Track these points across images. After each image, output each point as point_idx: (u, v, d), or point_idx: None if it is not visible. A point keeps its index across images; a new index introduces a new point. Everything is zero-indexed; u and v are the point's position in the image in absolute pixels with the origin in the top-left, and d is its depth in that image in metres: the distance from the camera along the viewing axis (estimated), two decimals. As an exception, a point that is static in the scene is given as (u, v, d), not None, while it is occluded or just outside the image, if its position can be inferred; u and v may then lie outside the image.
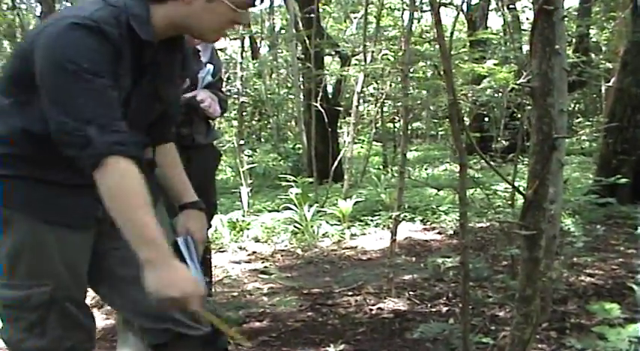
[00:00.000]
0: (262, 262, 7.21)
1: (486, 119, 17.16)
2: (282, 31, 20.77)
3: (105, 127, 2.17)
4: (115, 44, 2.23)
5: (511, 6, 16.40)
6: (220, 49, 7.91)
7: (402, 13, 14.73)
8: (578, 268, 6.04)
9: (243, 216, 9.16)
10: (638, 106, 9.23)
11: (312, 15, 11.63)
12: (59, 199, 2.39)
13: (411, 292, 5.60)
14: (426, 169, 16.84)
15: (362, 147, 16.33)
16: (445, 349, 4.14)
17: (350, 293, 5.75)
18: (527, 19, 17.82)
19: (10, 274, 2.43)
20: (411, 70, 6.46)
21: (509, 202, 5.89)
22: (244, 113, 20.42)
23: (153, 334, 2.70)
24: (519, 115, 7.36)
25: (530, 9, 11.95)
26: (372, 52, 11.93)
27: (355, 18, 19.20)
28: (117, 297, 2.68)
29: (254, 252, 7.71)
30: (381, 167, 16.80)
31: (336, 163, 11.48)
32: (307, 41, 12.13)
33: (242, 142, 10.04)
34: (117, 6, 2.28)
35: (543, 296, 4.74)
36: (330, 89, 16.54)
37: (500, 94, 8.71)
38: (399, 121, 19.58)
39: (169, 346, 2.67)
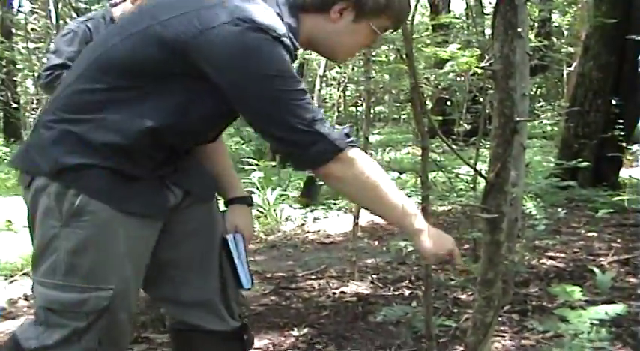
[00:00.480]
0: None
1: (449, 103, 17.19)
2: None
3: (325, 123, 2.20)
4: (290, 55, 2.19)
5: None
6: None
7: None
8: (540, 251, 6.09)
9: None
10: (599, 90, 9.29)
11: None
12: (138, 189, 2.25)
13: (374, 276, 5.62)
14: (388, 153, 16.88)
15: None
16: (408, 332, 4.15)
17: (313, 277, 5.77)
18: (490, 2, 17.88)
19: (69, 273, 2.17)
20: (374, 53, 6.43)
21: (472, 186, 5.91)
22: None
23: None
24: (481, 99, 7.37)
25: (493, -7, 12.00)
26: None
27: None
28: (167, 285, 2.55)
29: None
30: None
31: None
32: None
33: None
34: (276, 12, 2.21)
35: (505, 279, 4.76)
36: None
37: (462, 77, 8.72)
38: (362, 104, 19.58)
39: (193, 339, 2.64)
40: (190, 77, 2.15)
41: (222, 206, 2.73)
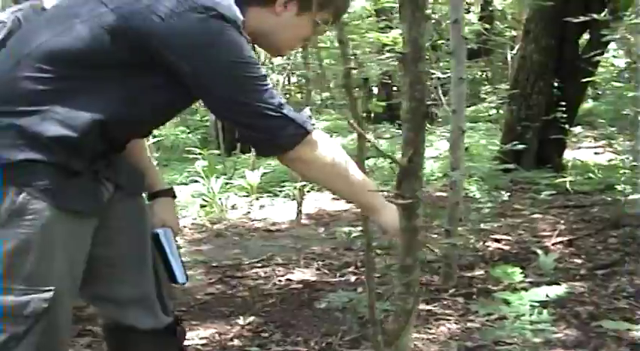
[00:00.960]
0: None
1: (394, 88, 17.23)
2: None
3: (289, 106, 2.21)
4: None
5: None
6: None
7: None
8: (485, 234, 6.12)
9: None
10: (541, 73, 9.36)
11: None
12: (79, 186, 2.14)
13: (319, 262, 5.62)
14: (335, 139, 16.84)
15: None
16: (353, 318, 4.15)
17: (259, 265, 5.75)
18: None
19: (8, 276, 2.06)
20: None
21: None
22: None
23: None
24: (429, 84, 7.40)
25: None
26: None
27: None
28: (101, 283, 2.46)
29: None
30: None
31: (242, 133, 11.37)
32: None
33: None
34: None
35: (449, 263, 4.80)
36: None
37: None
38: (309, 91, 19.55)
39: (127, 338, 2.58)
40: (146, 67, 2.11)
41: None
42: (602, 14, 6.79)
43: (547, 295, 3.13)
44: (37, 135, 2.02)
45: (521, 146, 7.64)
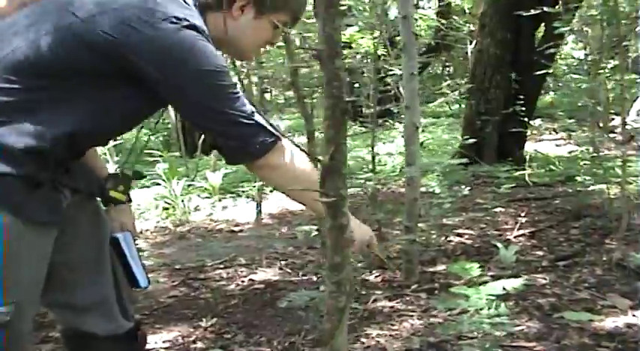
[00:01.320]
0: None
1: (356, 85, 17.24)
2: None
3: (259, 114, 2.23)
4: None
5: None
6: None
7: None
8: (447, 229, 6.15)
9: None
10: (498, 67, 9.42)
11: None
12: (43, 197, 2.11)
13: (282, 262, 5.62)
14: (298, 138, 16.85)
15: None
16: (315, 316, 4.16)
17: (222, 266, 5.74)
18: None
19: None
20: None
21: (371, 168, 5.91)
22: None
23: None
24: (389, 80, 7.43)
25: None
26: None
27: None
28: (60, 290, 2.43)
29: (125, 230, 7.56)
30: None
31: (203, 136, 11.30)
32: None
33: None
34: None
35: (410, 259, 4.82)
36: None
37: (368, 60, 8.76)
38: (271, 91, 19.54)
39: (86, 345, 2.56)
40: (116, 77, 2.09)
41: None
42: (556, 7, 6.84)
43: (504, 289, 3.15)
44: (7, 147, 1.99)
45: (478, 140, 7.69)
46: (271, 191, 9.09)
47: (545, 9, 6.71)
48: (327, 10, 1.58)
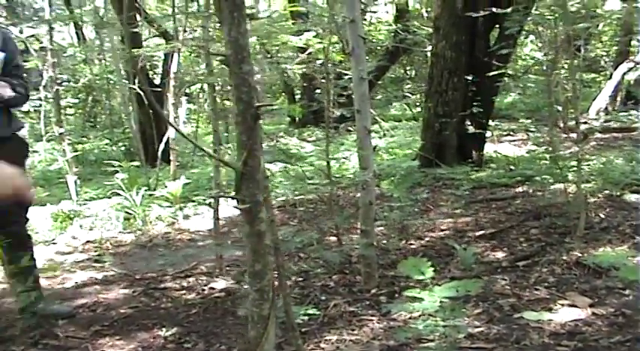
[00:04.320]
0: (95, 251, 7.04)
1: (317, 91, 17.25)
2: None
3: None
4: None
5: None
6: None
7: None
8: (407, 232, 6.16)
9: (73, 205, 8.90)
10: (454, 69, 9.44)
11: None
12: None
13: (242, 270, 5.60)
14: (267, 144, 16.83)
15: (197, 127, 16.14)
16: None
17: (182, 275, 5.72)
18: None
19: None
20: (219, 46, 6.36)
21: (327, 174, 5.90)
22: (77, 101, 19.98)
23: None
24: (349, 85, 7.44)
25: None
26: (194, 29, 11.60)
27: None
28: None
29: (87, 241, 7.52)
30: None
31: (163, 146, 11.25)
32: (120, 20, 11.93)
33: (62, 130, 9.70)
34: None
35: (368, 263, 4.82)
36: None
37: (330, 65, 8.78)
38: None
39: None
40: None
41: None
42: (509, 8, 6.88)
43: (457, 291, 3.17)
44: None
45: (437, 142, 7.71)
46: (233, 198, 9.05)
47: (494, 10, 6.76)
48: (231, 14, 1.57)
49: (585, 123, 9.80)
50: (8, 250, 4.46)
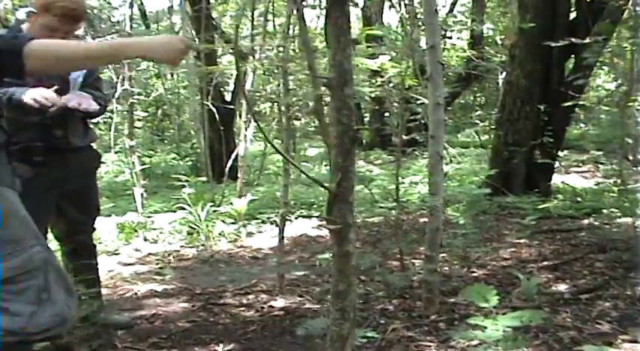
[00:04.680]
0: (157, 264, 7.09)
1: (386, 114, 17.25)
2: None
3: None
4: None
5: (407, 1, 16.54)
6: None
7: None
8: (470, 260, 6.10)
9: (138, 217, 8.98)
10: (527, 98, 9.38)
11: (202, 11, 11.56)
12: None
13: (302, 289, 5.59)
14: (326, 165, 16.84)
15: (266, 145, 16.24)
16: (333, 345, 4.12)
17: (242, 292, 5.71)
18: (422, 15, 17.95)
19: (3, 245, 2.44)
20: (294, 66, 6.38)
21: (395, 198, 5.87)
22: (147, 114, 20.26)
23: None
24: (420, 110, 7.41)
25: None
26: (269, 48, 11.74)
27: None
28: None
29: (149, 253, 7.58)
30: (280, 165, 16.72)
31: (231, 162, 11.34)
32: (197, 38, 12.05)
33: (133, 143, 9.83)
34: None
35: (430, 288, 4.77)
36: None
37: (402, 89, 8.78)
38: (301, 118, 19.58)
39: None
40: None
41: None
42: (587, 38, 6.81)
43: (521, 321, 3.11)
44: None
45: (505, 171, 7.64)
46: (296, 218, 9.07)
47: (573, 40, 6.68)
48: (337, 39, 1.57)
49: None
50: (74, 259, 4.51)
